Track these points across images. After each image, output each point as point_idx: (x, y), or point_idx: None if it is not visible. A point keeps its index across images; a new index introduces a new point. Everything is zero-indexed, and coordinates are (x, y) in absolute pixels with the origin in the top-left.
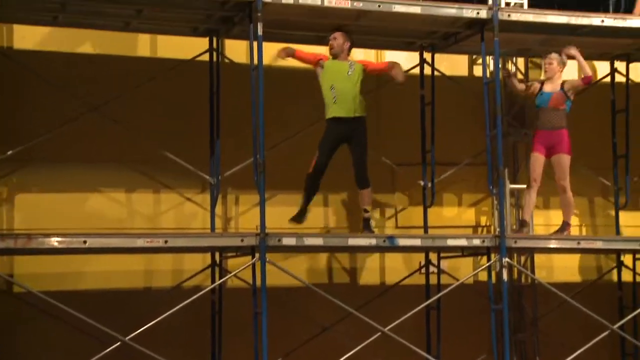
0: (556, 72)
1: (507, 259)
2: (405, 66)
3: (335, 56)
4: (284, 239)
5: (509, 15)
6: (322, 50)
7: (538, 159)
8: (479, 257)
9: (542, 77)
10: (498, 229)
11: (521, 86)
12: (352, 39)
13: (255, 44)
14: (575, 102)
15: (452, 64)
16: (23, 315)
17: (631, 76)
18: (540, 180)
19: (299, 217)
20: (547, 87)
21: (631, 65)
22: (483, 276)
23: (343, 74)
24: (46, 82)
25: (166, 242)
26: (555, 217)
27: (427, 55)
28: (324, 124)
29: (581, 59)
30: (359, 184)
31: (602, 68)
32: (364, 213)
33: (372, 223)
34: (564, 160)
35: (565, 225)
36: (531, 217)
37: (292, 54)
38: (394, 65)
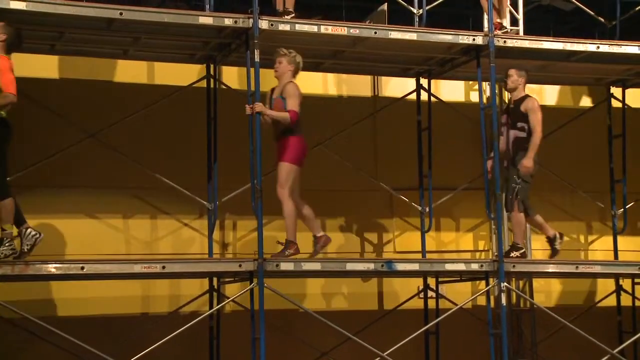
0: (284, 72)
1: (505, 284)
2: (402, 92)
3: None
4: (282, 264)
5: (504, 42)
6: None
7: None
8: (477, 282)
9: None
10: (496, 254)
11: None
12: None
13: (252, 70)
14: (573, 127)
15: (449, 90)
16: (20, 342)
17: (627, 102)
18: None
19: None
20: (275, 92)
21: (627, 91)
22: (481, 300)
23: None
24: (44, 109)
25: (164, 267)
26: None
27: (424, 81)
28: (322, 149)
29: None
30: None
31: (598, 94)
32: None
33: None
34: (282, 167)
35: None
36: None
37: None
38: None
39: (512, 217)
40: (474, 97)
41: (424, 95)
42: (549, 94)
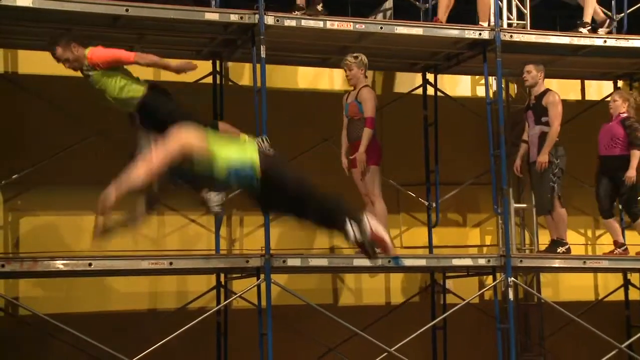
0: (357, 77)
1: (512, 279)
2: (408, 87)
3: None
4: (289, 260)
5: (511, 36)
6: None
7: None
8: (485, 277)
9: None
10: (503, 249)
11: None
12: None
13: (258, 66)
14: (579, 121)
15: (455, 85)
16: (28, 338)
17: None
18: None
19: None
20: (350, 97)
21: (635, 85)
22: (489, 295)
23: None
24: (50, 107)
25: (171, 263)
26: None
27: (430, 76)
28: (329, 145)
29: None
30: None
31: (605, 88)
32: None
33: None
34: (370, 171)
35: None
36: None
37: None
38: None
39: (553, 215)
40: (481, 91)
41: (430, 90)
42: (555, 89)
